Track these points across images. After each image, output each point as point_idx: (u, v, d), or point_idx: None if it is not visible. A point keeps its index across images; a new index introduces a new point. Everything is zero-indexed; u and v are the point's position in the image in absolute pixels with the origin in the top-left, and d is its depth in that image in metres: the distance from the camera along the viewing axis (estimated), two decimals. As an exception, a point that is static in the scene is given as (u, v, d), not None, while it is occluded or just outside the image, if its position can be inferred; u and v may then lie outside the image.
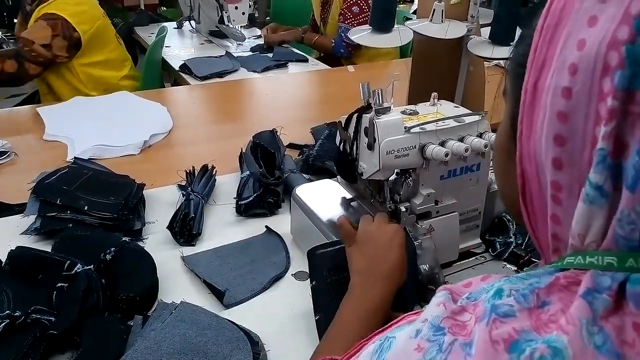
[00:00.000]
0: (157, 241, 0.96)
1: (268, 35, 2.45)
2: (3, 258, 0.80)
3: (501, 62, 1.25)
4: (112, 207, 0.95)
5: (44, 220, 0.94)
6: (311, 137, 1.37)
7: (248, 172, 1.07)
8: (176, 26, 2.77)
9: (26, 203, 0.99)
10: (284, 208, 1.06)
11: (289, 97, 1.83)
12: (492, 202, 0.87)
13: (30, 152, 1.31)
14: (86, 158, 1.22)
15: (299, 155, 1.26)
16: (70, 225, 0.92)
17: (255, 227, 1.00)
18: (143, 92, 1.81)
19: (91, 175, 1.05)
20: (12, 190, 1.10)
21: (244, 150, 1.16)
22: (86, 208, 0.94)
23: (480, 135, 0.78)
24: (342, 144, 0.81)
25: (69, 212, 0.94)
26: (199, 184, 1.06)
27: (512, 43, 1.03)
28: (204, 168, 1.11)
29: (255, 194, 1.02)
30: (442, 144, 0.75)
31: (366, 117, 0.74)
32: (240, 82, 1.99)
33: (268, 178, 1.04)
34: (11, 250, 0.80)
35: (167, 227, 0.95)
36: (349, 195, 0.90)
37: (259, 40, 2.47)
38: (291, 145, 1.33)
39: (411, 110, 0.81)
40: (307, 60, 2.27)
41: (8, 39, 2.68)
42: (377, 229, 0.72)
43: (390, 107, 0.74)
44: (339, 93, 1.82)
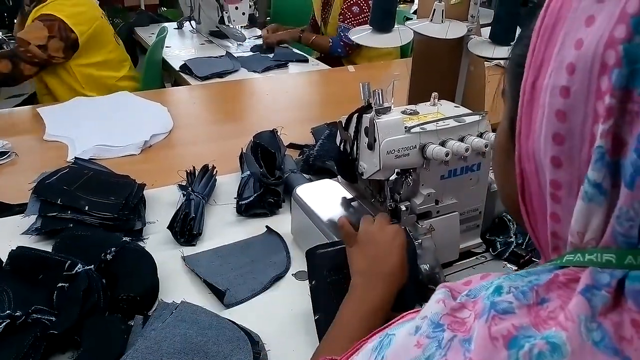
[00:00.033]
0: (157, 241, 0.96)
1: (266, 35, 2.45)
2: (4, 258, 0.81)
3: (501, 62, 1.25)
4: (112, 207, 0.95)
5: (45, 220, 0.94)
6: (311, 137, 1.37)
7: (248, 172, 1.07)
8: (176, 26, 2.77)
9: (27, 203, 0.99)
10: (284, 208, 1.06)
11: (290, 97, 1.83)
12: (492, 201, 0.87)
13: (30, 153, 1.31)
14: (87, 158, 1.23)
15: (299, 155, 1.26)
16: (71, 225, 0.93)
17: (255, 227, 1.00)
18: (143, 92, 1.81)
19: (92, 175, 1.05)
20: (12, 190, 1.10)
21: (244, 150, 1.16)
22: (87, 208, 0.94)
23: (480, 135, 0.78)
24: (343, 144, 0.81)
25: (69, 212, 0.94)
26: (199, 184, 1.06)
27: (512, 43, 1.03)
28: (205, 168, 1.11)
29: (255, 194, 1.02)
30: (443, 143, 0.75)
31: (366, 117, 0.74)
32: (240, 82, 1.99)
33: (268, 178, 1.04)
34: (12, 250, 0.81)
35: (167, 227, 0.95)
36: (349, 195, 0.90)
37: (260, 41, 2.47)
38: (291, 145, 1.33)
39: (411, 110, 0.81)
40: (307, 61, 2.27)
41: (8, 39, 2.67)
42: (378, 230, 0.72)
43: (390, 107, 0.74)
44: (340, 93, 1.82)
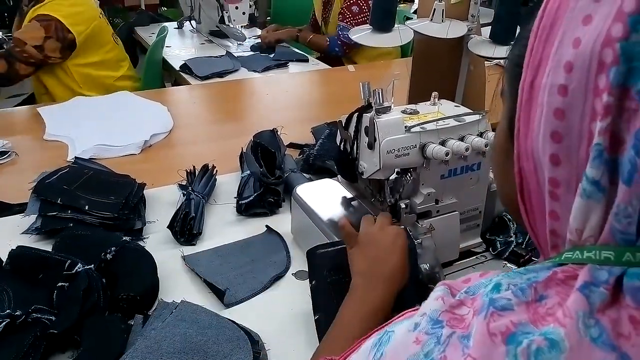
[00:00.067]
0: (157, 241, 0.96)
1: (264, 35, 2.45)
2: (4, 257, 0.81)
3: (501, 61, 1.25)
4: (112, 207, 0.95)
5: (45, 219, 0.94)
6: (311, 136, 1.37)
7: (248, 172, 1.07)
8: (177, 26, 2.77)
9: (27, 203, 0.99)
10: (284, 207, 1.06)
11: (290, 97, 1.83)
12: (492, 201, 0.87)
13: (30, 152, 1.31)
14: (87, 158, 1.23)
15: (299, 155, 1.26)
16: (71, 224, 0.93)
17: (255, 226, 1.00)
18: (144, 92, 1.81)
19: (92, 174, 1.05)
20: (12, 190, 1.10)
21: (244, 150, 1.16)
22: (87, 207, 0.94)
23: (480, 135, 0.78)
24: (343, 143, 0.81)
25: (69, 211, 0.94)
26: (199, 183, 1.06)
27: (512, 42, 1.03)
28: (205, 168, 1.11)
29: (255, 194, 1.02)
30: (443, 143, 0.75)
31: (366, 116, 0.74)
32: (240, 82, 1.99)
33: (268, 177, 1.04)
34: (12, 249, 0.81)
35: (167, 227, 0.95)
36: (349, 195, 0.90)
37: (259, 40, 2.47)
38: (292, 145, 1.33)
39: (411, 109, 0.81)
40: (307, 60, 2.27)
41: (8, 39, 2.67)
42: (379, 231, 0.72)
43: (390, 106, 0.74)
44: (340, 93, 1.82)
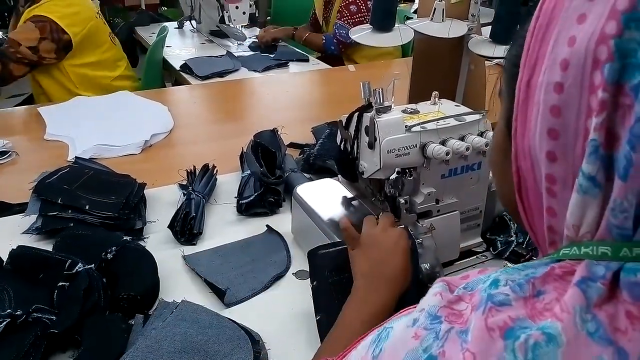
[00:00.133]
0: (158, 240, 0.96)
1: (261, 35, 2.45)
2: (4, 257, 0.81)
3: (502, 61, 1.25)
4: (113, 207, 0.95)
5: (45, 219, 0.94)
6: (312, 136, 1.37)
7: (249, 172, 1.07)
8: (177, 26, 2.77)
9: (27, 202, 0.99)
10: (284, 207, 1.06)
11: (290, 97, 1.83)
12: (493, 201, 0.87)
13: (31, 152, 1.31)
14: (87, 158, 1.23)
15: (299, 155, 1.26)
16: (72, 224, 0.93)
17: (256, 226, 1.00)
18: (144, 92, 1.81)
19: (92, 174, 1.05)
20: (13, 189, 1.10)
21: (244, 150, 1.16)
22: (87, 207, 0.94)
23: (481, 134, 0.78)
24: (343, 143, 0.81)
25: (70, 211, 0.94)
26: (199, 183, 1.06)
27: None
28: (205, 167, 1.11)
29: (256, 193, 1.02)
30: (443, 142, 0.75)
31: (367, 116, 0.74)
32: (241, 81, 1.99)
33: (269, 177, 1.04)
34: (12, 249, 0.81)
35: (168, 227, 0.95)
36: (349, 195, 0.90)
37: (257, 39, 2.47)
38: (292, 145, 1.33)
39: (412, 109, 0.81)
40: (308, 60, 2.27)
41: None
42: (381, 232, 0.71)
43: (391, 106, 0.74)
44: (340, 92, 1.82)
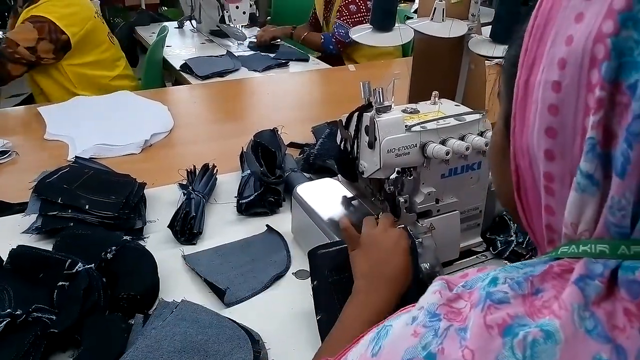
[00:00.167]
0: (158, 240, 0.96)
1: (260, 34, 2.45)
2: (4, 257, 0.81)
3: (501, 60, 1.25)
4: (113, 206, 0.95)
5: (45, 219, 0.94)
6: (312, 136, 1.37)
7: (249, 171, 1.07)
8: (177, 26, 2.77)
9: (27, 202, 0.99)
10: (284, 207, 1.06)
11: (290, 96, 1.83)
12: (493, 200, 0.87)
13: (31, 152, 1.31)
14: (87, 157, 1.23)
15: (299, 154, 1.26)
16: (72, 224, 0.93)
17: (256, 226, 1.00)
18: (144, 92, 1.81)
19: (92, 174, 1.05)
20: (13, 189, 1.10)
21: (244, 150, 1.16)
22: (87, 207, 0.94)
23: (481, 134, 0.78)
24: (343, 142, 0.81)
25: (70, 211, 0.94)
26: (199, 183, 1.06)
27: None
28: (205, 167, 1.11)
29: (256, 193, 1.02)
30: (443, 142, 0.75)
31: (367, 115, 0.74)
32: (241, 81, 1.99)
33: (269, 177, 1.04)
34: (12, 249, 0.81)
35: (168, 226, 0.95)
36: (349, 194, 0.90)
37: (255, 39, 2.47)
38: (292, 144, 1.32)
39: (412, 108, 0.81)
40: (308, 60, 2.27)
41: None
42: (381, 233, 0.71)
43: (391, 105, 0.74)
44: (340, 92, 1.82)
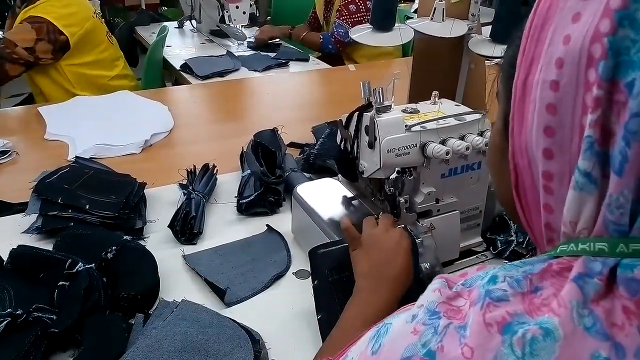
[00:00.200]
0: (158, 240, 0.96)
1: (258, 34, 2.45)
2: (5, 257, 0.81)
3: (501, 61, 1.25)
4: (113, 206, 0.95)
5: (46, 219, 0.94)
6: (312, 136, 1.37)
7: (249, 171, 1.07)
8: (177, 26, 2.77)
9: (27, 202, 0.99)
10: (285, 207, 1.06)
11: (290, 96, 1.83)
12: (493, 200, 0.87)
13: (31, 152, 1.31)
14: (87, 157, 1.23)
15: (300, 154, 1.26)
16: (72, 224, 0.93)
17: (256, 225, 1.00)
18: (144, 92, 1.81)
19: (92, 174, 1.05)
20: (13, 189, 1.10)
21: (245, 149, 1.16)
22: (87, 207, 0.94)
23: (481, 134, 0.78)
24: (343, 142, 0.81)
25: (70, 210, 0.94)
26: (200, 182, 1.06)
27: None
28: (205, 167, 1.11)
29: (256, 193, 1.02)
30: (443, 142, 0.75)
31: (367, 115, 0.74)
32: (241, 81, 1.99)
33: (269, 177, 1.05)
34: (13, 249, 0.81)
35: (168, 226, 0.95)
36: (349, 194, 0.90)
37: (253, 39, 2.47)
38: (292, 144, 1.33)
39: (412, 108, 0.81)
40: (308, 60, 2.26)
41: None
42: (382, 233, 0.71)
43: (391, 105, 0.75)
44: (340, 92, 1.82)
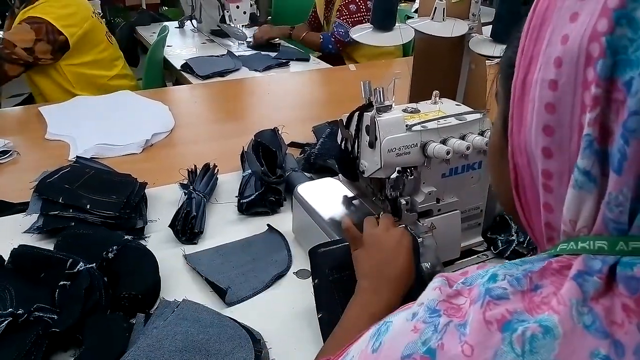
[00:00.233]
0: (159, 240, 0.96)
1: (257, 34, 2.45)
2: (6, 256, 0.81)
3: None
4: (114, 206, 0.95)
5: (47, 218, 0.94)
6: (313, 135, 1.37)
7: (250, 171, 1.07)
8: (178, 25, 2.77)
9: (28, 202, 0.99)
10: (285, 206, 1.06)
11: (291, 96, 1.83)
12: (493, 200, 0.87)
13: (32, 151, 1.32)
14: (88, 157, 1.23)
15: (300, 154, 1.26)
16: (73, 223, 0.93)
17: (257, 225, 1.01)
18: (145, 92, 1.81)
19: (93, 174, 1.05)
20: (14, 189, 1.10)
21: (245, 149, 1.16)
22: (88, 207, 0.94)
23: (481, 133, 0.78)
24: (344, 142, 0.81)
25: (71, 210, 0.94)
26: (200, 182, 1.06)
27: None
28: (206, 167, 1.11)
29: (256, 193, 1.02)
30: (444, 142, 0.75)
31: (367, 115, 0.74)
32: (241, 81, 1.99)
33: (270, 176, 1.05)
34: (14, 248, 0.81)
35: (169, 226, 0.95)
36: (350, 194, 0.90)
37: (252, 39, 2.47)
38: (293, 144, 1.33)
39: (412, 108, 0.81)
40: (308, 59, 2.27)
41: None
42: (383, 232, 0.71)
43: (391, 105, 0.75)
44: (341, 92, 1.82)
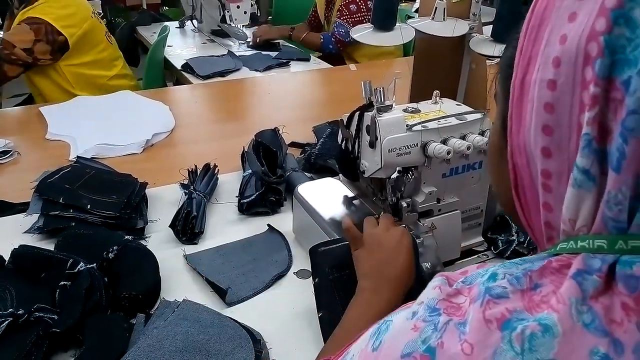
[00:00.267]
0: (159, 240, 0.96)
1: (257, 34, 2.45)
2: (6, 257, 0.81)
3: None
4: (114, 206, 0.95)
5: (47, 218, 0.94)
6: (313, 135, 1.37)
7: (250, 171, 1.07)
8: (178, 25, 2.77)
9: (29, 202, 0.99)
10: (286, 206, 1.06)
11: (291, 96, 1.83)
12: (494, 200, 0.87)
13: (33, 151, 1.32)
14: (89, 157, 1.23)
15: (301, 154, 1.26)
16: (73, 223, 0.93)
17: (257, 225, 1.01)
18: (145, 92, 1.81)
19: (94, 174, 1.05)
20: (15, 189, 1.10)
21: (246, 149, 1.17)
22: (89, 207, 0.94)
23: (482, 133, 0.78)
24: (344, 142, 0.81)
25: (71, 210, 0.94)
26: (201, 182, 1.06)
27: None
28: (206, 167, 1.11)
29: (257, 193, 1.02)
30: (444, 142, 0.75)
31: (368, 115, 0.74)
32: (242, 81, 1.99)
33: (270, 176, 1.05)
34: (14, 248, 0.81)
35: (169, 226, 0.95)
36: (351, 194, 0.90)
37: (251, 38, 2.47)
38: (293, 144, 1.33)
39: (413, 108, 0.81)
40: (309, 59, 2.27)
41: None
42: (383, 232, 0.71)
43: (392, 105, 0.75)
44: (341, 92, 1.82)
